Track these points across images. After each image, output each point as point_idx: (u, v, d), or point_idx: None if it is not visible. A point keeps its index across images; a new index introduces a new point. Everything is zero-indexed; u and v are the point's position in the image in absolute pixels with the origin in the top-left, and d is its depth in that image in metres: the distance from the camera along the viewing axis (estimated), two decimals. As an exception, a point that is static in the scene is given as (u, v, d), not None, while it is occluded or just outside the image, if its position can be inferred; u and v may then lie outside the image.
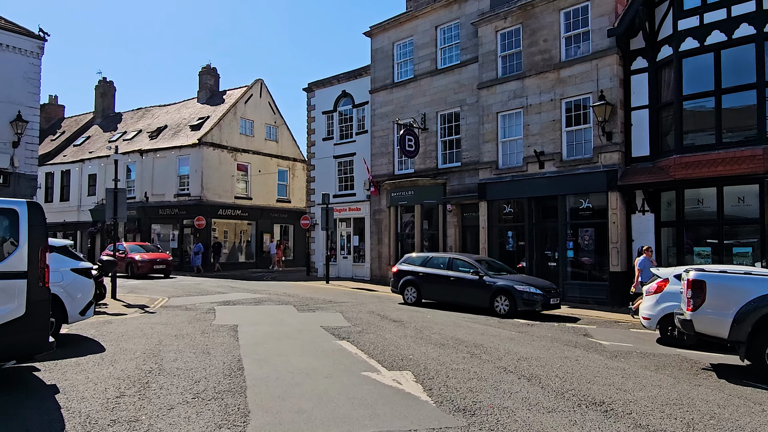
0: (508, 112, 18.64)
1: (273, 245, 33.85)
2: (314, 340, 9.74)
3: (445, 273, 15.20)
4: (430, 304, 15.69)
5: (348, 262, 25.71)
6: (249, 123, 33.31)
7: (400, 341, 9.71)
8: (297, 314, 13.36)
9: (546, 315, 14.09)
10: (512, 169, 18.33)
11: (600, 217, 16.38)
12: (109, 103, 41.51)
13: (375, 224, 23.95)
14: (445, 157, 21.45)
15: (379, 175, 23.65)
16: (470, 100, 20.40)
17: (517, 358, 8.42)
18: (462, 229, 20.68)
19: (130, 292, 18.06)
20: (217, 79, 36.01)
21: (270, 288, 20.38)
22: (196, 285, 21.25)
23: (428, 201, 21.25)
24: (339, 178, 26.31)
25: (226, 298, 16.49)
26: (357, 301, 16.58)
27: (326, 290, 20.02)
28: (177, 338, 9.55)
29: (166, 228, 32.27)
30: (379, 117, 23.86)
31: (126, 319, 12.01)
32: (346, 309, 14.42)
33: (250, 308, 14.44)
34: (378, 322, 12.04)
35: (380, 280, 23.24)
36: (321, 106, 27.25)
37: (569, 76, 17.03)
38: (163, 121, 35.56)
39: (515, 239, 18.61)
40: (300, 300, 16.37)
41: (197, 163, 30.24)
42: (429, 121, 21.78)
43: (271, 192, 34.56)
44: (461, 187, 20.50)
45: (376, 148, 23.99)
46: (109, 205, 16.37)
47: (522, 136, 18.17)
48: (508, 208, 18.74)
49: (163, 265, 25.11)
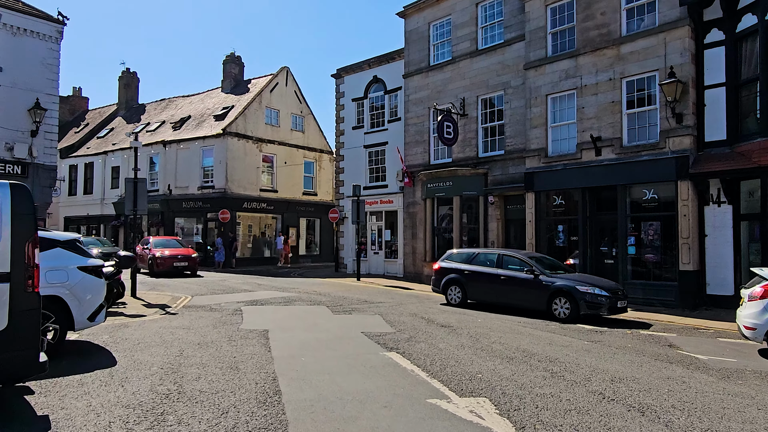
0: (559, 94, 16.95)
1: (280, 240, 31.86)
2: (358, 350, 8.33)
3: (495, 271, 13.67)
4: (476, 305, 14.18)
5: (379, 258, 24.31)
6: (274, 112, 32.08)
7: (458, 353, 8.25)
8: (332, 317, 11.99)
9: (612, 320, 12.48)
10: (564, 157, 16.66)
11: (667, 210, 14.65)
12: (133, 94, 40.74)
13: (409, 218, 22.48)
14: (486, 144, 19.84)
15: (414, 165, 22.16)
16: (515, 83, 18.74)
17: (609, 379, 6.89)
18: (505, 223, 19.09)
19: (152, 290, 16.93)
20: (241, 67, 34.85)
21: (298, 285, 19.10)
22: (221, 282, 20.08)
23: (468, 192, 19.69)
24: (369, 169, 24.88)
25: (253, 297, 15.23)
26: (394, 301, 15.16)
27: (358, 288, 18.65)
28: (200, 347, 8.24)
29: (189, 222, 31.29)
30: (414, 103, 22.33)
31: (145, 321, 10.78)
32: (385, 311, 13.01)
33: (280, 309, 13.13)
34: (425, 328, 10.60)
35: (414, 277, 21.79)
36: (351, 92, 25.83)
37: (631, 52, 15.27)
38: (187, 111, 34.57)
39: (566, 234, 16.96)
40: (332, 300, 15.02)
41: (221, 154, 29.12)
42: (468, 106, 20.18)
43: (297, 184, 33.32)
44: (505, 177, 18.89)
45: (410, 137, 22.49)
46: (128, 196, 15.23)
47: (575, 121, 16.48)
48: (559, 199, 17.07)
49: (185, 262, 22.77)
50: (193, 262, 22.96)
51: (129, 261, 12.47)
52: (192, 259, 22.99)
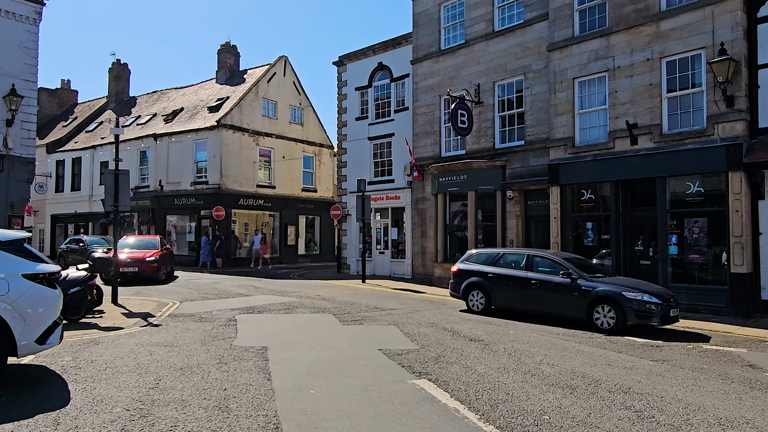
0: (588, 78, 15.32)
1: (257, 239, 28.22)
2: (380, 377, 6.69)
3: (524, 274, 12.03)
4: (501, 312, 12.56)
5: (385, 258, 22.66)
6: (272, 104, 30.36)
7: (504, 380, 6.62)
8: (341, 328, 10.35)
9: (661, 330, 10.87)
10: (594, 147, 15.04)
11: (715, 205, 13.05)
12: (124, 86, 38.95)
13: (417, 214, 20.84)
14: (504, 135, 18.20)
15: (423, 158, 20.51)
16: (537, 66, 17.11)
17: (716, 422, 5.26)
18: (525, 220, 17.46)
19: (137, 295, 15.25)
20: (237, 57, 33.11)
21: (299, 289, 17.44)
22: (214, 285, 18.40)
23: (484, 187, 18.05)
24: (374, 163, 23.22)
25: (250, 303, 13.57)
26: (407, 307, 13.52)
27: (365, 292, 17.00)
28: (183, 374, 6.58)
29: (182, 219, 29.57)
30: (423, 91, 20.68)
31: (120, 336, 9.10)
32: (399, 320, 11.38)
33: (280, 318, 11.47)
34: (452, 343, 8.97)
35: (424, 279, 20.16)
36: (354, 81, 24.15)
37: (672, 28, 13.65)
38: (180, 103, 32.83)
39: (596, 232, 15.34)
40: (339, 306, 13.38)
41: (216, 147, 27.40)
42: (484, 93, 18.54)
43: (296, 180, 31.62)
44: (525, 170, 17.26)
45: (419, 127, 20.83)
46: (108, 190, 13.57)
47: (607, 106, 14.85)
48: (588, 194, 15.45)
49: (134, 267, 18.28)
50: (147, 268, 18.51)
51: (104, 264, 10.79)
52: (146, 264, 18.52)
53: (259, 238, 28.21)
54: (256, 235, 28.45)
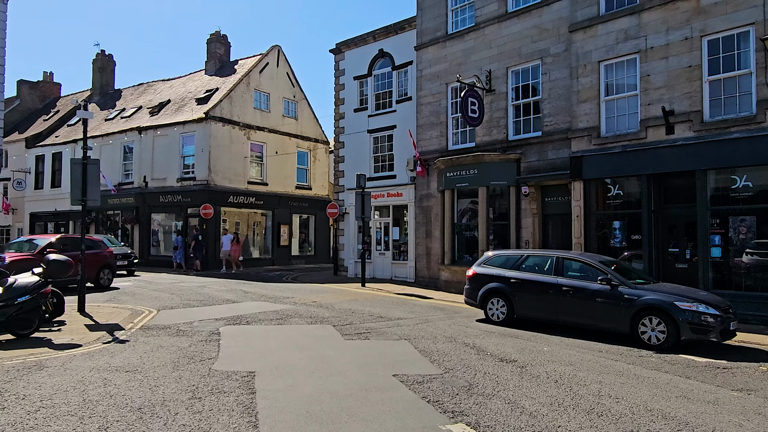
0: (616, 60, 13.78)
1: (227, 239, 24.74)
2: (403, 421, 5.05)
3: (554, 280, 10.45)
4: (526, 322, 10.97)
5: (386, 260, 21.03)
6: (264, 96, 28.63)
7: (566, 424, 5.01)
8: (343, 343, 8.72)
9: (719, 346, 9.31)
10: (623, 137, 13.49)
11: (765, 201, 11.53)
12: (108, 79, 37.08)
13: (422, 213, 19.23)
14: (518, 125, 16.63)
15: (428, 152, 18.91)
16: (556, 49, 15.55)
17: None
18: (542, 219, 15.89)
19: (110, 301, 13.55)
20: (227, 47, 31.37)
21: (293, 294, 15.78)
22: (199, 289, 16.70)
23: (496, 182, 16.47)
24: (375, 157, 21.58)
25: (237, 311, 11.91)
26: (416, 316, 11.91)
27: (366, 297, 15.38)
28: (139, 419, 4.93)
29: (168, 218, 27.79)
30: (428, 79, 19.07)
31: (74, 357, 7.42)
32: (410, 332, 9.77)
33: (273, 330, 9.82)
34: (480, 365, 7.36)
35: (429, 282, 18.55)
36: (352, 70, 22.51)
37: (715, 3, 12.12)
38: (167, 95, 31.05)
39: (624, 232, 13.79)
40: (339, 314, 11.74)
41: (204, 141, 25.65)
42: (496, 80, 16.96)
43: (290, 177, 29.90)
44: (542, 164, 15.70)
45: (423, 118, 19.22)
46: (75, 181, 11.83)
47: (638, 92, 13.30)
48: (615, 189, 13.90)
49: None
50: None
51: (61, 268, 9.10)
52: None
53: (230, 238, 24.83)
54: (226, 235, 25.08)
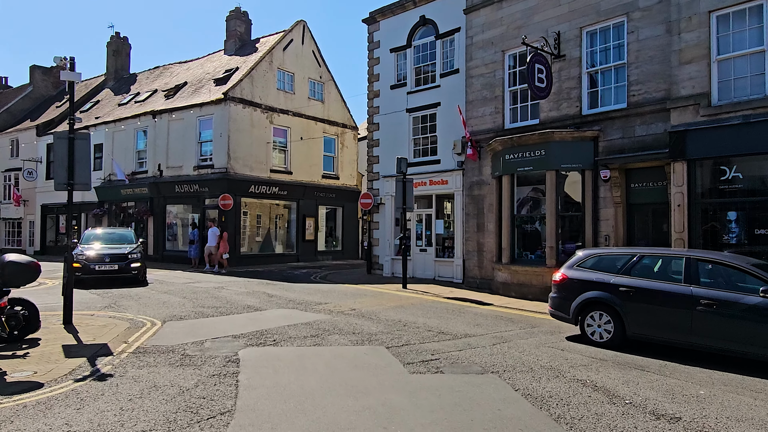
0: (733, 9, 10.92)
1: (212, 233, 20.91)
2: None
3: (686, 290, 7.73)
4: (641, 345, 8.29)
5: (427, 257, 18.42)
6: (288, 76, 26.13)
7: None
8: (411, 382, 6.17)
9: None
10: (743, 105, 10.66)
11: None
12: (123, 62, 35.00)
13: (472, 203, 16.56)
14: (594, 97, 13.85)
15: (479, 132, 16.22)
16: (646, 2, 12.72)
17: None
18: (627, 209, 13.12)
19: (109, 307, 11.23)
20: (248, 25, 28.93)
21: (326, 298, 13.29)
22: (216, 291, 14.31)
23: (568, 165, 13.74)
24: (414, 140, 18.94)
25: (261, 323, 9.45)
26: (487, 331, 9.30)
27: (413, 303, 12.81)
28: None
29: (185, 209, 25.55)
30: (480, 47, 16.36)
31: (18, 413, 4.98)
32: (493, 360, 7.18)
33: (308, 356, 7.30)
34: (629, 426, 4.73)
35: (481, 284, 15.92)
36: (388, 41, 19.86)
37: None
38: (183, 78, 28.76)
39: (743, 225, 10.97)
40: (388, 328, 9.20)
41: (223, 125, 23.28)
42: (566, 43, 14.19)
43: (316, 165, 27.40)
44: (627, 142, 12.92)
45: (473, 93, 16.52)
46: (60, 160, 9.51)
47: (765, 46, 10.47)
48: (731, 172, 11.07)
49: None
50: None
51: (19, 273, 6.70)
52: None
53: (216, 232, 20.92)
54: (211, 228, 21.26)
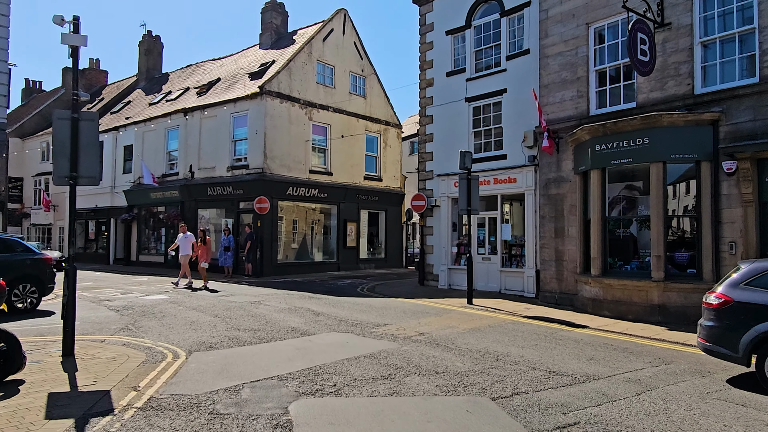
0: None
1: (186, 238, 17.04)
2: None
3: None
4: None
5: (491, 267, 16.00)
6: (329, 69, 24.13)
7: None
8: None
9: None
10: None
11: None
12: (155, 62, 33.71)
13: (549, 204, 14.11)
14: (711, 72, 11.29)
15: (557, 120, 13.80)
16: (786, -52, 10.16)
17: None
18: (760, 209, 10.51)
19: (126, 329, 9.20)
20: (284, 17, 27.12)
21: (384, 318, 11.03)
22: (252, 307, 12.22)
23: (679, 155, 11.20)
24: (475, 133, 16.59)
25: (312, 357, 7.26)
26: (611, 369, 6.87)
27: (490, 324, 10.43)
28: None
29: (218, 214, 23.75)
30: (558, 20, 13.96)
31: None
32: (663, 428, 4.77)
33: (389, 418, 5.02)
34: None
35: (560, 299, 13.44)
36: (443, 23, 17.60)
37: None
38: (216, 74, 27.11)
39: None
40: (477, 363, 6.88)
41: (258, 121, 21.38)
42: (672, 9, 11.69)
43: (357, 166, 25.27)
44: (761, 125, 10.33)
45: (549, 76, 14.11)
46: (61, 147, 7.49)
47: None
48: None
49: None
50: None
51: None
52: None
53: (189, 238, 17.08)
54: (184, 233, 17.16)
